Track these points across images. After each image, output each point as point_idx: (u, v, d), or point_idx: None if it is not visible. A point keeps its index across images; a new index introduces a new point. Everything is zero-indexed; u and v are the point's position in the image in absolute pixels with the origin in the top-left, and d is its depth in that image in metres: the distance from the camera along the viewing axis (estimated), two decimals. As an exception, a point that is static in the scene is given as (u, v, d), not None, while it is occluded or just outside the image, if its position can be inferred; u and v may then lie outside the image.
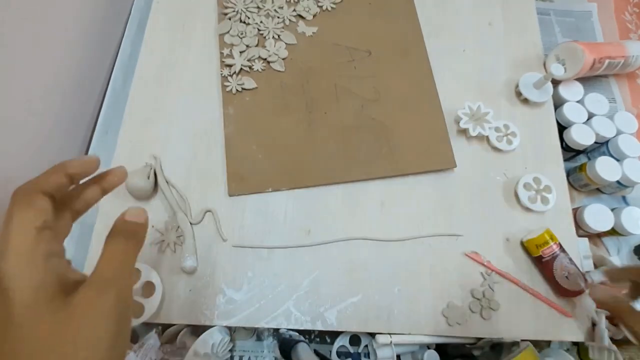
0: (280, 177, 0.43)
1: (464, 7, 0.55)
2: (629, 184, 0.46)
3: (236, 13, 0.51)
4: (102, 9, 0.50)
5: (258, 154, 0.44)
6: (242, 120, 0.46)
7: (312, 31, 0.51)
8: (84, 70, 0.48)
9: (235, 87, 0.47)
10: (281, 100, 0.47)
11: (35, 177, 0.21)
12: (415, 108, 0.47)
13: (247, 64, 0.48)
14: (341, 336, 0.42)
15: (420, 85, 0.48)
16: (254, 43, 0.50)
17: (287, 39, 0.50)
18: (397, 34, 0.51)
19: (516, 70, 0.51)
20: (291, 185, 0.43)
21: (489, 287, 0.40)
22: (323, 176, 0.43)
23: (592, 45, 0.49)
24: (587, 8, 0.61)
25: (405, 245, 0.42)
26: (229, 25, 0.50)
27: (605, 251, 0.48)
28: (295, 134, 0.45)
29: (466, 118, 0.46)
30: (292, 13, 0.52)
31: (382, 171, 0.44)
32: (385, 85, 0.48)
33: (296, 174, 0.43)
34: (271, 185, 0.43)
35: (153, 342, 0.38)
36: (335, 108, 0.47)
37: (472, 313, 0.40)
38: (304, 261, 0.41)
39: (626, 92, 0.56)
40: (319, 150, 0.45)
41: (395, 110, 0.47)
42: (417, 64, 0.49)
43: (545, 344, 0.41)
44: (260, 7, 0.52)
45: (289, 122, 0.46)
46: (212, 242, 0.42)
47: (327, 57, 0.50)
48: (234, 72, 0.48)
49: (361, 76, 0.49)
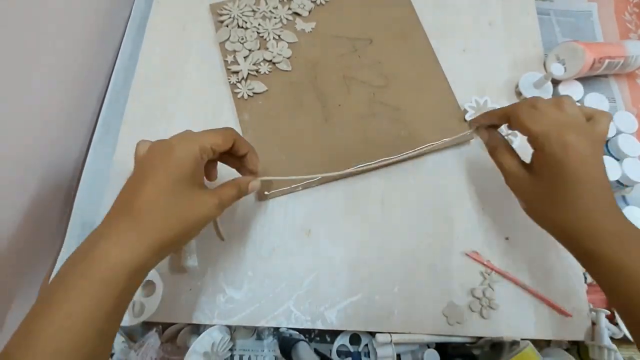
0: (307, 174, 0.43)
1: (464, 7, 0.55)
2: (629, 183, 0.46)
3: (232, 19, 0.51)
4: (103, 7, 0.50)
5: (281, 155, 0.44)
6: (258, 125, 0.46)
7: (310, 27, 0.51)
8: (84, 70, 0.48)
9: (246, 92, 0.47)
10: (294, 99, 0.47)
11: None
12: (424, 87, 0.48)
13: (254, 68, 0.48)
14: (341, 335, 0.42)
15: (425, 65, 0.49)
16: (256, 47, 0.49)
17: (288, 37, 0.50)
18: (393, 19, 0.52)
19: (516, 70, 0.51)
20: (321, 180, 0.44)
21: (489, 286, 0.41)
22: (348, 165, 0.43)
23: (592, 45, 0.49)
24: (587, 8, 0.61)
25: (405, 244, 0.42)
26: (227, 33, 0.50)
27: (605, 251, 0.48)
28: (313, 129, 0.46)
29: (472, 111, 0.46)
30: (287, 12, 0.52)
31: (404, 150, 0.44)
32: (392, 70, 0.49)
33: (321, 168, 0.43)
34: (301, 184, 0.43)
35: (153, 341, 0.38)
36: (347, 99, 0.47)
37: (472, 312, 0.40)
38: (304, 261, 0.41)
39: (626, 92, 0.56)
40: (340, 142, 0.45)
41: (405, 93, 0.48)
42: (418, 46, 0.50)
43: (545, 343, 0.41)
44: (255, 10, 0.52)
45: (305, 120, 0.46)
46: (213, 242, 0.42)
47: (331, 50, 0.50)
48: (242, 78, 0.48)
49: (367, 64, 0.49)
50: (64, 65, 0.44)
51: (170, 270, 0.41)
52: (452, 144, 0.46)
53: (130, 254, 0.26)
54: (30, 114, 0.40)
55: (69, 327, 0.23)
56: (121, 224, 0.27)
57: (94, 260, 0.25)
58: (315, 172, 0.43)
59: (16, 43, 0.37)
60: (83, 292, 0.24)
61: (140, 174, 0.29)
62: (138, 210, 0.27)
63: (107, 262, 0.25)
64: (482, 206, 0.44)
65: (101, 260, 0.25)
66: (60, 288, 0.25)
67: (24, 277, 0.41)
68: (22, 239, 0.39)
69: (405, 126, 0.46)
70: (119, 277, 0.25)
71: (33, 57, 0.40)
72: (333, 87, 0.48)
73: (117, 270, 0.25)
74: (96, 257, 0.25)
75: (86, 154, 0.47)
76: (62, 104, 0.44)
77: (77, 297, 0.24)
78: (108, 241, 0.26)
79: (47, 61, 0.42)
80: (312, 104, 0.47)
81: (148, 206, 0.27)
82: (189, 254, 0.40)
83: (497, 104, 0.47)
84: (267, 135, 0.45)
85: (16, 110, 0.38)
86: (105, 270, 0.25)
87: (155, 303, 0.38)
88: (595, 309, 0.40)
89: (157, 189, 0.28)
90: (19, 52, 0.37)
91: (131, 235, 0.26)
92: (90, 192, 0.45)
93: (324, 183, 0.44)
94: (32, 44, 0.39)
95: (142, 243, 0.26)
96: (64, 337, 0.23)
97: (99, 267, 0.25)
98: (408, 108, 0.47)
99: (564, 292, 0.41)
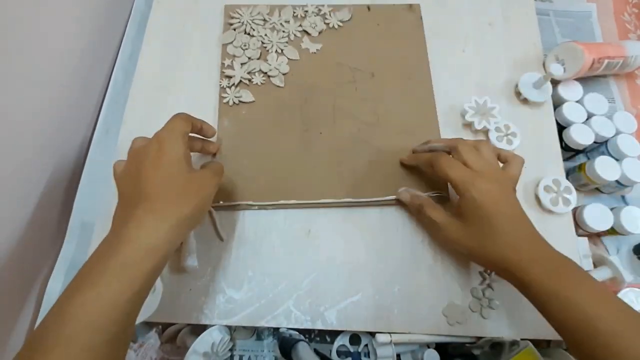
0: (269, 194, 0.42)
1: (464, 7, 0.55)
2: (628, 183, 0.46)
3: (241, 24, 0.51)
4: (103, 8, 0.50)
5: (250, 170, 0.43)
6: (236, 134, 0.45)
7: (316, 48, 0.50)
8: (84, 71, 0.48)
9: (233, 99, 0.47)
10: (277, 117, 0.46)
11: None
12: (413, 134, 0.45)
13: (247, 77, 0.48)
14: (341, 335, 0.42)
15: (421, 112, 0.47)
16: (256, 56, 0.49)
17: (290, 54, 0.50)
18: (402, 58, 0.50)
19: (516, 70, 0.51)
20: (278, 205, 0.42)
21: (488, 286, 0.41)
22: (312, 197, 0.43)
23: (592, 46, 0.49)
24: (586, 9, 0.62)
25: (405, 244, 0.42)
26: (233, 36, 0.50)
27: (604, 250, 0.48)
28: (288, 151, 0.45)
29: (472, 112, 0.46)
30: (297, 28, 0.51)
31: (373, 196, 0.43)
32: (385, 109, 0.47)
33: (285, 193, 0.42)
34: (258, 202, 0.42)
35: (153, 341, 0.38)
36: (331, 129, 0.46)
37: (472, 312, 0.40)
38: (304, 261, 0.41)
39: (625, 92, 0.56)
40: (311, 171, 0.44)
41: (392, 135, 0.46)
42: (419, 89, 0.48)
43: (545, 343, 0.41)
44: (267, 20, 0.51)
45: (283, 140, 0.45)
46: (212, 242, 0.42)
47: (329, 76, 0.49)
48: (232, 84, 0.47)
49: (361, 98, 0.48)
50: (63, 66, 0.44)
51: (170, 270, 0.41)
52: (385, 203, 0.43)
53: (154, 235, 0.28)
54: (30, 114, 0.40)
55: (100, 308, 0.25)
56: (137, 210, 0.28)
57: (120, 244, 0.27)
58: (278, 194, 0.42)
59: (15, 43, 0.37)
60: (112, 275, 0.26)
61: (138, 164, 0.31)
62: (151, 194, 0.29)
63: (132, 245, 0.27)
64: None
65: (127, 244, 0.27)
66: (91, 272, 0.27)
67: (24, 276, 0.41)
68: (22, 238, 0.39)
69: (381, 169, 0.44)
70: (145, 258, 0.27)
71: (32, 57, 0.40)
72: (320, 113, 0.47)
73: (142, 252, 0.27)
74: (122, 241, 0.27)
75: (86, 154, 0.47)
76: (62, 105, 0.44)
77: (107, 280, 0.26)
78: (130, 226, 0.28)
79: (47, 61, 0.42)
80: (295, 125, 0.46)
81: (159, 189, 0.29)
82: (189, 253, 0.40)
83: (497, 104, 0.47)
84: (241, 145, 0.45)
85: (15, 111, 0.38)
86: (131, 252, 0.27)
87: (155, 303, 0.38)
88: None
89: (163, 173, 0.30)
90: (18, 52, 0.37)
91: (150, 217, 0.28)
92: (90, 192, 0.45)
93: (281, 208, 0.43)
94: (31, 44, 0.39)
95: (164, 223, 0.28)
96: (95, 317, 0.25)
97: (125, 251, 0.27)
98: (390, 152, 0.44)
99: (563, 292, 0.41)
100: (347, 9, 0.53)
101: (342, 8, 0.53)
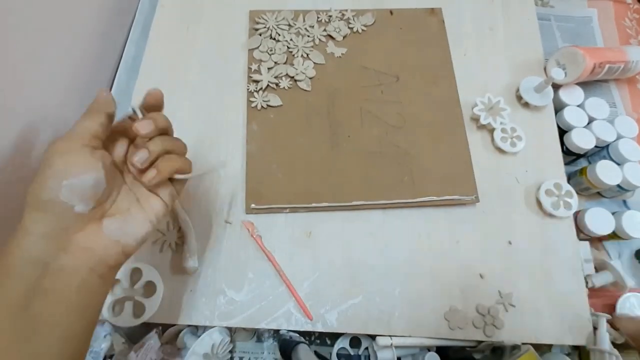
0: (299, 198, 0.43)
1: (465, 11, 0.55)
2: (630, 187, 0.46)
3: (267, 29, 0.51)
4: (107, 10, 0.51)
5: (278, 173, 0.44)
6: (265, 138, 0.46)
7: (341, 52, 0.51)
8: (87, 72, 0.48)
9: (261, 103, 0.47)
10: (305, 120, 0.47)
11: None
12: (440, 137, 0.46)
13: (274, 81, 0.48)
14: (341, 338, 0.42)
15: (447, 114, 0.48)
16: (282, 60, 0.50)
17: (316, 58, 0.50)
18: (426, 61, 0.51)
19: (517, 74, 0.51)
20: (309, 208, 0.43)
21: (503, 306, 0.40)
22: (343, 199, 0.43)
23: (593, 50, 0.49)
24: (587, 14, 0.62)
25: (406, 247, 0.42)
26: (258, 41, 0.51)
27: (606, 255, 0.48)
28: (317, 155, 0.45)
29: (482, 106, 0.47)
30: (322, 33, 0.52)
31: (401, 198, 0.43)
32: (411, 112, 0.48)
33: (314, 196, 0.43)
34: (289, 206, 0.43)
35: (153, 342, 0.38)
36: (359, 132, 0.46)
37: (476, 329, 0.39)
38: (304, 263, 0.41)
39: (626, 97, 0.56)
40: (339, 174, 0.44)
41: (419, 138, 0.46)
42: (445, 93, 0.49)
43: (546, 348, 0.41)
44: (292, 25, 0.52)
45: (312, 143, 0.46)
46: (213, 243, 0.42)
47: (354, 80, 0.49)
48: (260, 88, 0.48)
49: (387, 101, 0.48)
50: (67, 67, 0.45)
51: (170, 272, 0.41)
52: (452, 203, 0.44)
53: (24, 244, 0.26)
54: (34, 115, 0.40)
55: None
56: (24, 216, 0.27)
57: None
58: (308, 196, 0.43)
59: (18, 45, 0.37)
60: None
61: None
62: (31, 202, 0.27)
63: (6, 255, 0.26)
64: (483, 209, 0.44)
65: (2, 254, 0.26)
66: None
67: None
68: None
69: (409, 172, 0.44)
70: (19, 268, 0.25)
71: (36, 59, 0.40)
72: (348, 116, 0.47)
73: (15, 262, 0.26)
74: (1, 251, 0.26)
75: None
76: (66, 106, 0.45)
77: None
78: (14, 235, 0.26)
79: (51, 63, 0.42)
80: (323, 129, 0.46)
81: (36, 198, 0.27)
82: (190, 255, 0.40)
83: (508, 107, 0.47)
84: (270, 149, 0.45)
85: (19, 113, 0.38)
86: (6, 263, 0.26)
87: (156, 304, 0.38)
88: (596, 314, 0.40)
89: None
90: (22, 53, 0.38)
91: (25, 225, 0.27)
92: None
93: (312, 211, 0.43)
94: (34, 46, 0.39)
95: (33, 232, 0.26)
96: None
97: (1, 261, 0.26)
98: (418, 154, 0.45)
99: (565, 296, 0.41)
100: (370, 14, 0.53)
101: (366, 12, 0.53)
